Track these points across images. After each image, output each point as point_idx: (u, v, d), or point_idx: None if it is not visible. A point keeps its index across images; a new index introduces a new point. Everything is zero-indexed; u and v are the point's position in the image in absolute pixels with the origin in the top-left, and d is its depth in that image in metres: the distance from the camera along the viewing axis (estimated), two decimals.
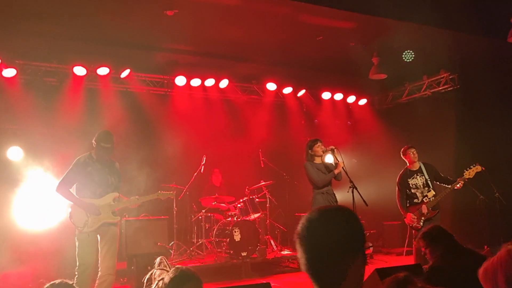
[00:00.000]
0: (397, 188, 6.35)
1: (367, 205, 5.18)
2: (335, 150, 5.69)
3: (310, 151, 5.85)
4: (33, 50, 7.30)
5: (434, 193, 6.31)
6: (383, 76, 8.16)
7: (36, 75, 7.54)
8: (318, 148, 5.81)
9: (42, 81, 7.56)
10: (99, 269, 4.54)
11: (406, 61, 8.49)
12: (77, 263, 4.49)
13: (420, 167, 6.44)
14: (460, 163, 8.56)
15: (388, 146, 9.64)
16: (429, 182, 6.41)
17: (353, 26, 7.21)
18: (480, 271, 1.82)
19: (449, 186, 6.25)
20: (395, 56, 8.15)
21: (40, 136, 7.32)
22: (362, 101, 10.28)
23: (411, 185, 6.32)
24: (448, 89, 9.09)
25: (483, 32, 7.16)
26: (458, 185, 6.26)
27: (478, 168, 6.27)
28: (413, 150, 6.44)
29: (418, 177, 6.39)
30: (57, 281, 2.53)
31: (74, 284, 2.57)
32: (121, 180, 4.95)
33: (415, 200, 6.29)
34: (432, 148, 9.31)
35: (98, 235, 4.61)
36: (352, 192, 5.24)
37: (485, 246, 7.93)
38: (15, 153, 7.20)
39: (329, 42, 7.75)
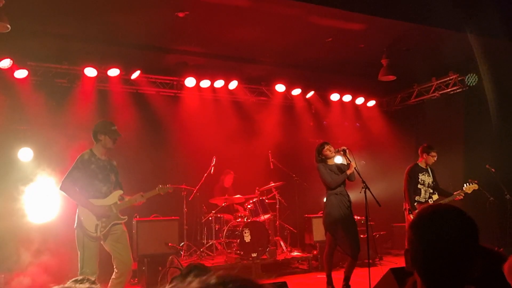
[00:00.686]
0: (406, 179, 6.38)
1: (379, 205, 5.18)
2: (347, 151, 5.69)
3: (319, 156, 5.86)
4: (44, 52, 7.35)
5: (438, 197, 6.42)
6: (392, 77, 8.16)
7: (47, 77, 7.59)
8: (327, 151, 5.81)
9: (53, 83, 7.61)
10: (115, 268, 4.51)
11: (414, 63, 8.51)
12: (82, 270, 4.31)
13: (427, 167, 6.53)
14: (470, 165, 8.57)
15: (397, 147, 9.65)
16: (433, 184, 6.49)
17: (363, 28, 7.21)
18: (505, 266, 1.83)
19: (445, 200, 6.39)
20: (404, 58, 8.16)
21: (51, 137, 7.34)
22: (371, 103, 10.28)
23: (419, 180, 6.37)
24: (457, 90, 9.08)
25: (493, 34, 7.16)
26: (458, 196, 6.35)
27: (475, 186, 6.48)
28: (435, 154, 6.47)
29: (426, 175, 6.47)
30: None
31: None
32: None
33: (417, 198, 6.34)
34: (440, 150, 9.31)
35: (105, 238, 4.52)
36: (365, 192, 5.24)
37: (496, 248, 7.91)
38: (25, 154, 7.25)
39: (338, 44, 7.76)
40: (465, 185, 6.47)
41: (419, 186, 6.38)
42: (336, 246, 5.69)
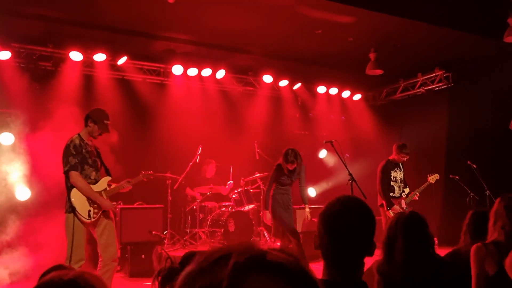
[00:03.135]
0: (379, 176, 6.50)
1: (365, 197, 5.23)
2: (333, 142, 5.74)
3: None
4: (28, 33, 7.18)
5: (409, 190, 6.56)
6: (380, 72, 8.21)
7: (31, 59, 7.42)
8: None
9: (37, 65, 7.45)
10: (102, 257, 4.45)
11: (401, 58, 8.58)
12: (73, 258, 4.21)
13: (398, 162, 6.64)
14: (451, 161, 8.72)
15: (381, 141, 9.74)
16: (405, 178, 6.64)
17: (352, 21, 7.22)
18: (507, 261, 1.91)
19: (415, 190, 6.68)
20: (391, 53, 8.21)
21: (34, 121, 7.20)
22: (357, 96, 10.34)
23: (392, 177, 6.49)
24: (442, 87, 9.20)
25: (480, 31, 7.26)
26: (415, 197, 6.65)
27: (437, 176, 6.77)
28: (405, 156, 6.60)
29: (398, 171, 6.60)
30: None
31: None
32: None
33: (391, 194, 6.45)
34: (423, 145, 9.45)
35: (95, 225, 4.46)
36: (351, 185, 5.29)
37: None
38: (6, 137, 7.09)
39: (327, 36, 7.75)
40: (428, 176, 6.67)
41: (392, 183, 6.52)
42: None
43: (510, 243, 2.44)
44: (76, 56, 7.50)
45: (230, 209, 7.49)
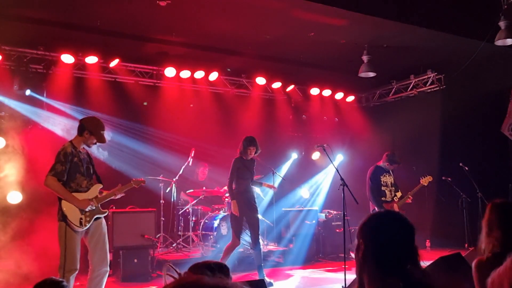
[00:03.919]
0: (368, 183, 6.51)
1: (357, 203, 5.24)
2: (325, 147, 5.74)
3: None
4: (19, 36, 7.12)
5: (401, 194, 6.55)
6: (372, 74, 8.22)
7: (22, 62, 7.36)
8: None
9: (28, 68, 7.38)
10: (92, 264, 4.42)
11: (394, 60, 8.60)
12: (67, 267, 4.18)
13: (387, 168, 6.65)
14: (444, 163, 8.77)
15: (373, 143, 9.77)
16: (395, 182, 6.64)
17: (345, 23, 7.23)
18: (488, 281, 1.86)
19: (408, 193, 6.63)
20: (383, 55, 8.23)
21: (25, 124, 7.15)
22: (350, 98, 10.36)
23: (382, 182, 6.50)
24: (434, 89, 9.23)
25: (471, 34, 7.30)
26: (408, 199, 6.62)
27: (430, 178, 6.71)
28: (393, 167, 6.65)
29: (387, 176, 6.61)
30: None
31: None
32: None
33: (383, 198, 6.45)
34: (416, 147, 9.50)
35: (87, 233, 4.44)
36: (343, 190, 5.29)
37: (466, 245, 8.14)
38: None
39: (320, 39, 7.77)
40: (421, 178, 6.67)
41: (382, 188, 6.53)
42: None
43: (505, 254, 2.35)
44: (67, 58, 7.45)
45: (222, 212, 7.47)
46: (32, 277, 5.39)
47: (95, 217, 4.47)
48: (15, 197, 6.82)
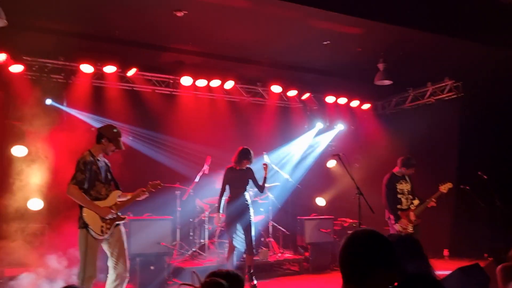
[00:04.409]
0: (384, 190, 6.41)
1: (373, 212, 5.20)
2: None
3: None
4: (40, 47, 7.29)
5: (418, 201, 6.41)
6: (388, 82, 8.18)
7: (43, 72, 7.53)
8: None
9: (49, 78, 7.56)
10: (112, 270, 4.49)
11: (410, 67, 8.55)
12: (86, 274, 4.25)
13: (404, 175, 6.53)
14: (462, 172, 8.64)
15: (390, 152, 9.68)
16: (413, 190, 6.51)
17: (361, 32, 7.23)
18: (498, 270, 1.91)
19: (426, 201, 6.39)
20: (400, 62, 8.19)
21: (46, 132, 7.30)
22: (365, 106, 10.32)
23: (398, 190, 6.40)
24: (452, 96, 9.14)
25: (490, 41, 7.21)
26: (432, 203, 6.37)
27: (450, 184, 6.47)
28: (411, 171, 6.52)
29: (404, 183, 6.48)
30: None
31: None
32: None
33: (399, 206, 6.35)
34: (433, 155, 9.38)
35: (108, 240, 4.52)
36: (359, 199, 5.26)
37: (485, 255, 8.00)
38: (19, 150, 7.18)
39: (335, 47, 7.77)
40: (440, 185, 6.49)
41: (398, 195, 6.39)
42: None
43: None
44: (87, 68, 7.61)
45: None
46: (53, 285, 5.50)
47: (115, 223, 4.56)
48: (36, 204, 6.97)
